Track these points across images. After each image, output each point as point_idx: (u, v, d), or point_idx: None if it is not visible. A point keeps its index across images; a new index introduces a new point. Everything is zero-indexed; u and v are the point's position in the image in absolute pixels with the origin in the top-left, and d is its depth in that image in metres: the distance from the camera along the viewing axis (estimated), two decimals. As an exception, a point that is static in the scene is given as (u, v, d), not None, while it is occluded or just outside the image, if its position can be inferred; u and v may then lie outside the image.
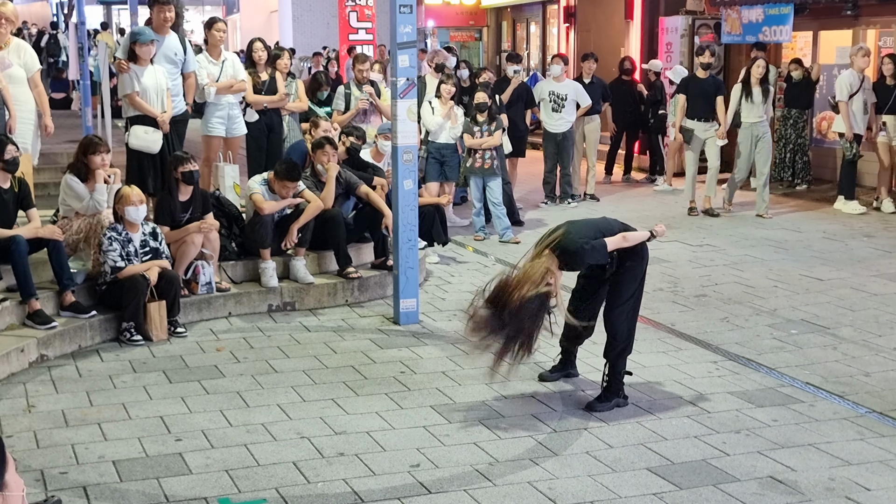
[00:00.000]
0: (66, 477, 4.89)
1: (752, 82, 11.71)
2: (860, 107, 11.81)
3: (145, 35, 8.41)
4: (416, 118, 7.56)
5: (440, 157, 10.73)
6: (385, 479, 4.88)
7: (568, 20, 19.61)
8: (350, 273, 8.24)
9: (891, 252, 9.87)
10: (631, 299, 5.83)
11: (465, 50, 23.98)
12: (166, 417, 5.66)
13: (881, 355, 6.81)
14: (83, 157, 7.44)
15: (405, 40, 7.26)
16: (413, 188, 7.49)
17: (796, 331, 7.39)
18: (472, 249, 10.29)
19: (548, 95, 12.44)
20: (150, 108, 8.34)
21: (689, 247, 10.32)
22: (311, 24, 30.27)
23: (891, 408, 5.84)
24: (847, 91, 11.77)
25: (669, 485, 4.82)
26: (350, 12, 19.34)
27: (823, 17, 13.73)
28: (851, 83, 11.76)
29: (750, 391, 6.11)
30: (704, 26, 15.29)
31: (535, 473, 4.94)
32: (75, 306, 7.04)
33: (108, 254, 7.09)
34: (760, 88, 11.71)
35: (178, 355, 6.81)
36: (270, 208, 7.99)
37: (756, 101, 11.70)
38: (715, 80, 12.32)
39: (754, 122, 11.79)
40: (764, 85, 11.77)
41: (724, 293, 8.46)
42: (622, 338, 5.81)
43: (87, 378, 6.35)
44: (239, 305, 7.84)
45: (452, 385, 6.20)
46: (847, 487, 4.80)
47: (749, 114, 11.80)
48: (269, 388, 6.16)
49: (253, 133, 9.80)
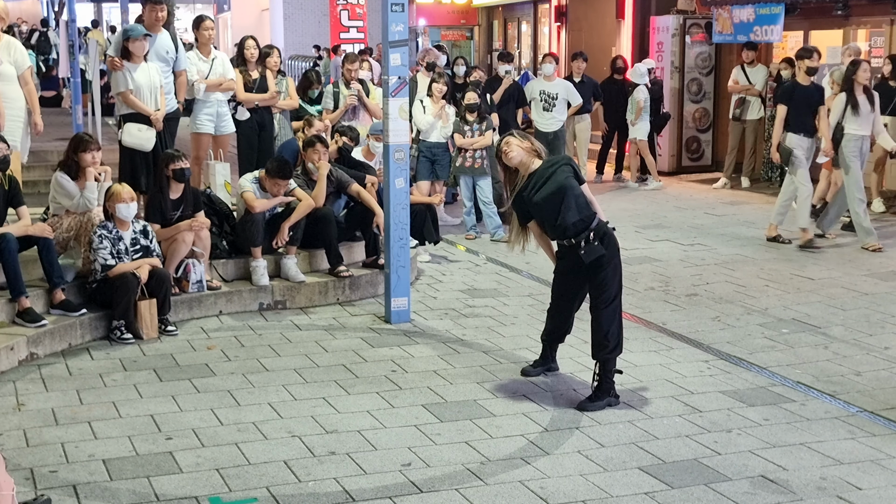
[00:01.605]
0: (55, 475, 4.87)
1: (857, 90, 10.06)
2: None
3: (137, 30, 8.39)
4: (407, 117, 7.55)
5: (431, 156, 10.72)
6: (376, 478, 4.87)
7: (559, 19, 19.63)
8: (341, 272, 8.23)
9: (882, 251, 9.89)
10: (617, 297, 5.85)
11: (456, 49, 23.97)
12: (157, 416, 5.64)
13: (872, 354, 6.82)
14: (74, 155, 7.41)
15: (397, 39, 7.25)
16: (404, 187, 7.48)
17: (787, 330, 7.40)
18: (463, 248, 10.29)
19: (539, 94, 12.44)
20: (143, 106, 8.32)
21: (680, 246, 10.34)
22: (303, 22, 30.22)
23: (882, 407, 5.85)
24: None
25: (661, 484, 4.82)
26: (341, 11, 19.32)
27: (814, 16, 13.76)
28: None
29: (741, 390, 6.12)
30: (696, 26, 15.33)
31: (526, 472, 4.93)
32: (65, 304, 7.02)
33: (98, 252, 7.07)
34: (866, 97, 10.10)
35: (168, 354, 6.79)
36: (262, 206, 7.98)
37: (863, 112, 10.05)
38: (819, 89, 10.57)
39: (864, 134, 10.17)
40: (870, 93, 10.18)
41: (715, 292, 8.47)
42: (613, 337, 5.82)
43: (77, 376, 6.32)
44: (230, 304, 7.82)
45: (444, 384, 6.20)
46: (838, 486, 4.81)
47: (857, 126, 10.09)
48: (260, 386, 6.14)
49: (244, 131, 9.78)
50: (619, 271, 5.86)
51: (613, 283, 5.83)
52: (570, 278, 6.01)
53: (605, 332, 5.81)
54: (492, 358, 6.70)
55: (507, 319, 7.64)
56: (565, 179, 5.78)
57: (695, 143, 15.64)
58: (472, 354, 6.78)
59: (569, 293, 6.07)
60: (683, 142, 15.55)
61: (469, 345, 7.00)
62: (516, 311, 7.87)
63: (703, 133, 15.66)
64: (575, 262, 5.84)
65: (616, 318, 5.85)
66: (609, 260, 5.80)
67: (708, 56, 15.48)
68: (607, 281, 5.82)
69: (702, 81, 15.50)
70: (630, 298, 8.26)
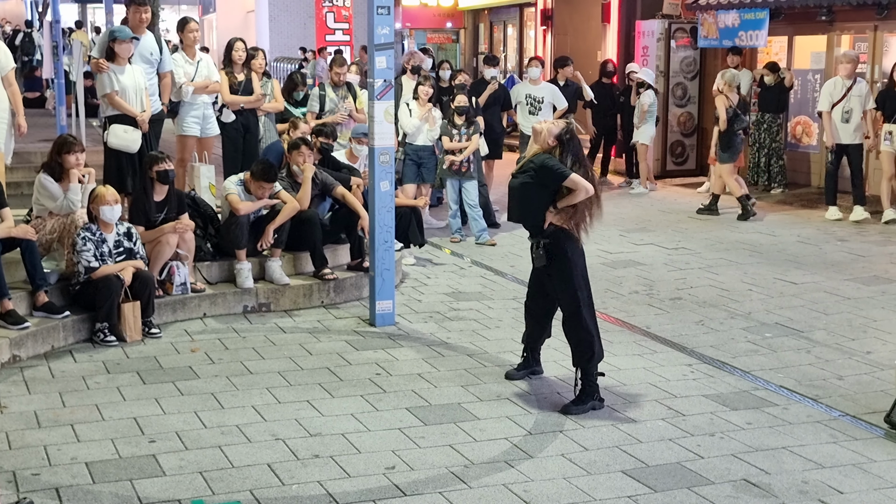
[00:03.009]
0: (38, 478, 4.84)
1: None
2: (838, 115, 11.56)
3: (124, 32, 8.37)
4: (393, 120, 7.55)
5: (417, 159, 10.73)
6: (360, 480, 4.87)
7: (545, 23, 19.65)
8: (326, 274, 8.22)
9: (864, 256, 9.95)
10: (579, 309, 5.82)
11: (442, 52, 23.98)
12: (140, 419, 5.62)
13: (854, 359, 6.86)
14: (57, 157, 7.38)
15: (382, 42, 7.25)
16: (390, 190, 7.47)
17: (770, 334, 7.43)
18: (448, 252, 10.29)
19: (524, 98, 12.45)
20: (129, 108, 8.30)
21: (664, 250, 10.37)
22: (288, 24, 30.18)
23: (864, 411, 5.88)
24: (828, 101, 11.62)
25: (644, 487, 4.84)
26: (327, 13, 19.32)
27: (798, 22, 13.82)
28: (832, 93, 11.62)
29: (724, 394, 6.14)
30: (681, 30, 15.39)
31: (510, 476, 4.94)
32: (48, 306, 6.99)
33: (81, 254, 7.04)
34: None
35: (152, 356, 6.76)
36: (246, 209, 7.96)
37: None
38: None
39: None
40: None
41: (699, 296, 8.50)
42: (585, 347, 5.84)
43: (59, 379, 6.30)
44: (214, 306, 7.81)
45: (428, 387, 6.20)
46: (820, 490, 4.83)
47: None
48: (244, 389, 6.13)
49: (229, 133, 9.77)
50: (571, 284, 5.82)
51: (565, 296, 5.85)
52: (534, 274, 6.17)
53: (573, 343, 5.88)
54: (476, 361, 6.71)
55: (492, 323, 7.65)
56: (523, 181, 5.84)
57: (679, 146, 15.70)
58: (456, 358, 6.79)
59: (534, 291, 6.19)
60: (668, 146, 15.61)
61: (453, 348, 7.00)
62: (501, 314, 7.88)
63: (688, 137, 15.72)
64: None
65: (581, 329, 5.82)
66: (555, 273, 5.85)
67: (693, 60, 15.55)
68: (557, 292, 5.90)
69: (687, 86, 15.56)
70: (614, 302, 8.29)
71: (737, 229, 11.40)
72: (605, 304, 8.21)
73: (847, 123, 11.63)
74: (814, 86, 13.61)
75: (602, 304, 8.21)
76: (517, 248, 10.12)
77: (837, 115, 11.63)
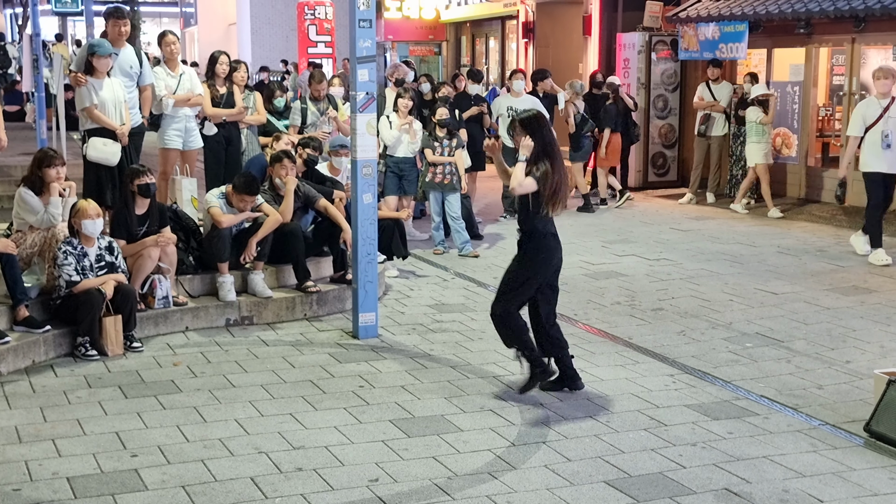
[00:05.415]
0: (19, 494, 4.82)
1: None
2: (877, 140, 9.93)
3: (104, 48, 8.36)
4: (375, 132, 7.57)
5: (399, 172, 10.74)
6: (343, 493, 4.87)
7: (527, 35, 19.75)
8: (309, 287, 8.21)
9: (843, 266, 10.02)
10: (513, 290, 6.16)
11: (424, 64, 24.03)
12: (122, 433, 5.60)
13: (834, 368, 6.90)
14: (38, 171, 7.36)
15: (364, 55, 7.28)
16: (372, 202, 7.49)
17: (751, 344, 7.48)
18: (431, 263, 10.30)
19: (506, 111, 12.48)
20: (108, 121, 8.29)
21: (646, 261, 10.41)
22: (271, 37, 30.21)
23: (843, 420, 5.92)
24: (861, 124, 10.07)
25: (627, 497, 4.85)
26: (309, 26, 19.35)
27: (777, 34, 13.94)
28: (865, 115, 10.08)
29: (706, 404, 6.17)
30: (661, 43, 15.49)
31: (493, 487, 4.95)
32: (29, 321, 6.95)
33: (63, 268, 7.01)
34: None
35: (134, 370, 6.74)
36: (228, 222, 7.96)
37: None
38: None
39: None
40: None
41: (680, 307, 8.54)
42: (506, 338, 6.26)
43: (40, 394, 6.27)
44: (196, 320, 7.79)
45: (411, 399, 6.20)
46: (801, 499, 4.86)
47: None
48: (227, 402, 6.12)
49: (211, 146, 9.76)
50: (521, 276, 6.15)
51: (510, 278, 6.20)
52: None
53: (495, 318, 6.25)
54: (459, 373, 6.71)
55: (475, 334, 7.66)
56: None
57: (661, 158, 15.78)
58: (439, 369, 6.79)
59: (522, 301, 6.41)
60: (650, 157, 15.69)
61: (437, 360, 7.01)
62: (484, 325, 7.88)
63: (669, 149, 15.81)
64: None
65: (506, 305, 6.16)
66: (518, 260, 6.20)
67: (673, 73, 15.65)
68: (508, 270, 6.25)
69: (667, 98, 15.66)
70: (596, 313, 8.32)
71: (718, 240, 11.47)
72: (588, 314, 8.24)
73: (889, 149, 9.93)
74: (793, 98, 13.71)
75: (584, 314, 8.24)
76: (500, 259, 10.14)
77: (875, 140, 9.97)
